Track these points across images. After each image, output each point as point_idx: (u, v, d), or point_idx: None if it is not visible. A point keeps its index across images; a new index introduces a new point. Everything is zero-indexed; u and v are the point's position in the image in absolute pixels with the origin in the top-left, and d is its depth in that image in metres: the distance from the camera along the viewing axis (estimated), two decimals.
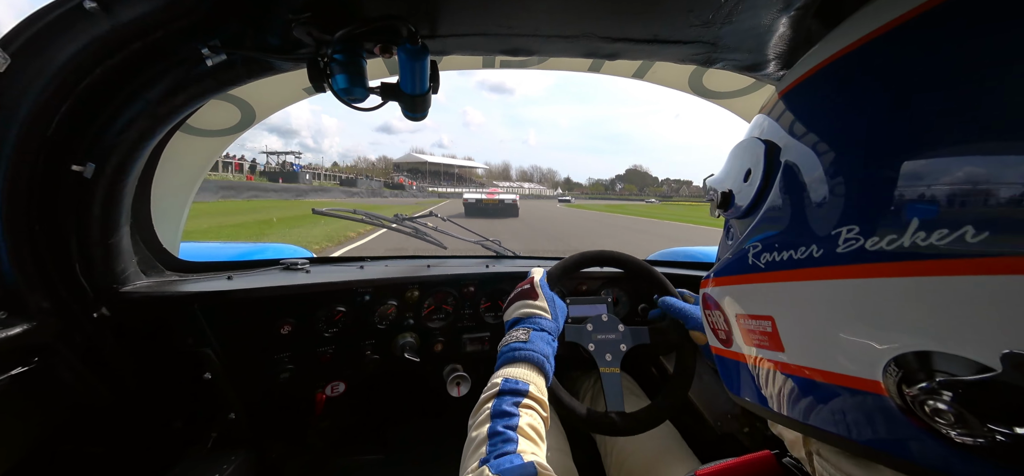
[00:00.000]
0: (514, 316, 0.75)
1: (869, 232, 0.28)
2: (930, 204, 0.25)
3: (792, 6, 0.50)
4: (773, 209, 0.37)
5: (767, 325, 0.36)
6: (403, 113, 0.75)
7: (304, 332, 1.08)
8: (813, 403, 0.33)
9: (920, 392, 0.25)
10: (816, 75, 0.36)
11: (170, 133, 0.97)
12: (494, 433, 0.50)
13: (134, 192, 0.86)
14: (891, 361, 0.27)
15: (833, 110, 0.34)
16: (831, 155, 0.32)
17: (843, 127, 0.32)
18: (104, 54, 0.60)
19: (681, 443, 0.95)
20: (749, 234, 0.40)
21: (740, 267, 0.40)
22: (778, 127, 0.39)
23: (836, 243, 0.30)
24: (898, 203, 0.27)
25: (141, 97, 0.68)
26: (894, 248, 0.26)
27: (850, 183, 0.30)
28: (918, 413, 0.26)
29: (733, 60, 0.69)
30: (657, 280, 0.94)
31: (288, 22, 0.58)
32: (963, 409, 0.24)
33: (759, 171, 0.39)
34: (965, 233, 0.23)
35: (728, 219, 0.47)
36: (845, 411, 0.31)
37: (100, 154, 0.72)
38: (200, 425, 1.09)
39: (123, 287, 0.90)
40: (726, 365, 0.46)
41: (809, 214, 0.33)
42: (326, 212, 1.39)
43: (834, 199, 0.31)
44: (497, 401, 0.55)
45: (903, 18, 0.29)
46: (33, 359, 0.73)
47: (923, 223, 0.25)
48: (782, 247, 0.35)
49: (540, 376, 0.63)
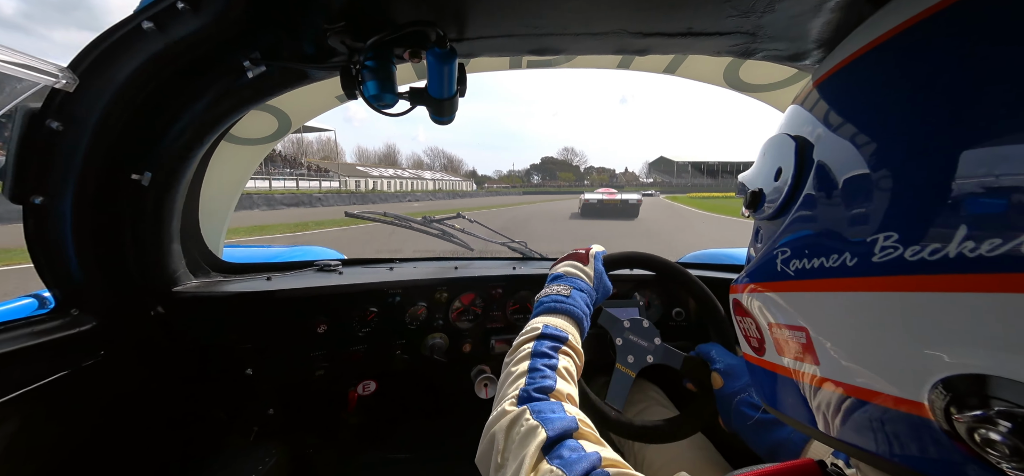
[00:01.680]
0: (559, 272, 0.78)
1: (909, 240, 0.25)
2: (981, 210, 0.22)
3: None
4: (804, 212, 0.34)
5: (801, 337, 0.34)
6: (430, 117, 0.76)
7: (338, 331, 1.11)
8: (850, 420, 0.31)
9: (972, 420, 0.23)
10: (857, 61, 0.33)
11: (216, 142, 1.03)
12: (534, 368, 0.52)
13: (184, 198, 0.91)
14: (939, 383, 0.24)
15: (873, 100, 0.31)
16: (869, 151, 0.29)
17: (883, 119, 0.29)
18: (159, 70, 0.65)
19: (708, 445, 0.91)
20: (778, 238, 0.37)
21: (769, 274, 0.37)
22: (812, 120, 0.36)
23: (872, 251, 0.27)
24: (944, 208, 0.24)
25: (190, 109, 0.73)
26: (937, 259, 0.24)
27: (889, 184, 0.27)
28: (967, 440, 0.24)
29: (774, 50, 0.65)
30: (711, 306, 0.88)
31: (323, 32, 0.60)
32: (1021, 443, 0.21)
33: (790, 170, 0.36)
34: (1021, 244, 0.20)
35: (757, 220, 0.45)
36: (884, 431, 0.28)
37: (155, 163, 0.77)
38: (242, 417, 1.15)
39: (175, 287, 0.96)
40: (757, 374, 0.43)
41: (843, 218, 0.30)
42: (358, 215, 1.43)
43: (871, 202, 0.28)
44: (537, 342, 0.58)
45: None
46: (100, 352, 0.79)
47: (972, 232, 0.22)
48: (813, 254, 0.32)
49: (577, 330, 0.65)
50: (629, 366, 0.81)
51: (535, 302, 0.71)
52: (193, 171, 0.89)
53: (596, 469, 0.38)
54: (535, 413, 0.45)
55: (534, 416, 0.45)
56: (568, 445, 0.42)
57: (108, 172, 0.73)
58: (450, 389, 1.52)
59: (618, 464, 0.40)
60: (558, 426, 0.43)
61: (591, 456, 0.39)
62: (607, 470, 0.38)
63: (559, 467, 0.38)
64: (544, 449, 0.41)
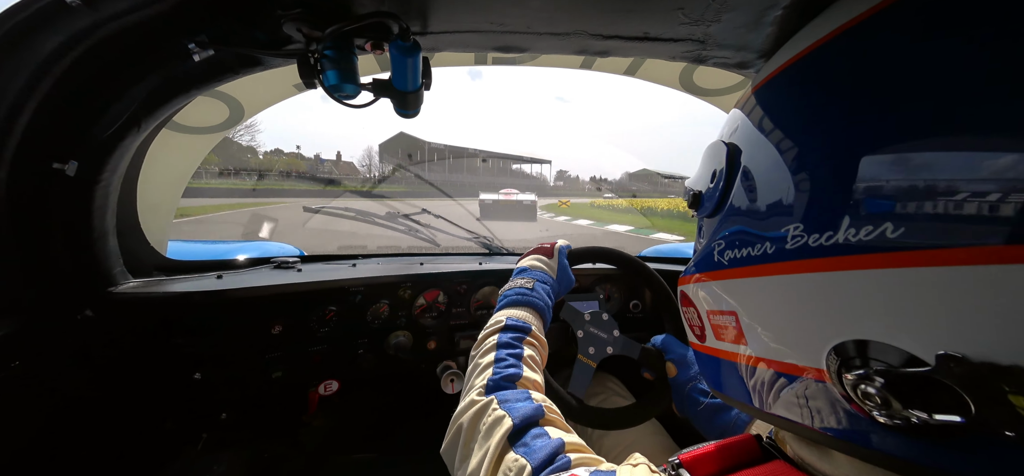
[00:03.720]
0: (524, 265, 0.80)
1: (811, 229, 0.29)
2: (857, 201, 0.27)
3: (779, 4, 0.50)
4: (734, 209, 0.39)
5: (732, 320, 0.38)
6: (395, 110, 0.75)
7: (296, 332, 1.07)
8: (779, 396, 0.35)
9: (856, 378, 0.27)
10: (776, 76, 0.38)
11: (156, 130, 0.95)
12: (499, 359, 0.53)
13: (119, 191, 0.84)
14: (831, 349, 0.28)
15: (782, 112, 0.36)
16: (778, 155, 0.34)
17: (788, 128, 0.35)
18: (85, 49, 0.59)
19: (661, 431, 0.97)
20: (714, 233, 0.42)
21: (709, 264, 0.42)
22: (740, 127, 0.41)
23: (785, 240, 0.31)
24: (831, 201, 0.28)
25: (125, 94, 0.67)
26: (830, 244, 0.28)
27: (794, 182, 0.32)
28: (852, 396, 0.28)
29: (722, 58, 0.70)
30: (670, 305, 0.94)
31: (277, 18, 0.58)
32: (889, 395, 0.25)
33: (722, 172, 0.41)
34: (886, 229, 0.25)
35: (699, 219, 0.49)
36: (798, 400, 0.32)
37: (83, 152, 0.71)
38: (192, 425, 1.08)
39: (109, 288, 0.88)
40: (702, 360, 0.47)
41: (763, 213, 0.35)
42: (317, 209, 1.38)
43: (782, 198, 0.33)
44: (502, 334, 0.59)
45: (839, 30, 0.32)
46: (13, 362, 0.71)
47: (853, 220, 0.27)
48: (742, 245, 0.37)
49: (540, 321, 0.67)
50: (590, 357, 0.84)
51: (499, 295, 0.72)
52: (129, 161, 0.82)
53: (559, 454, 0.40)
54: (502, 402, 0.46)
55: (501, 406, 0.46)
56: (533, 432, 0.43)
57: (24, 161, 0.65)
58: (416, 386, 1.51)
59: (580, 448, 0.42)
60: (523, 413, 0.44)
61: (555, 442, 0.41)
62: (569, 455, 0.40)
63: (524, 455, 0.40)
64: (511, 439, 0.42)
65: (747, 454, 0.40)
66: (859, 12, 0.31)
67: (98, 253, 0.84)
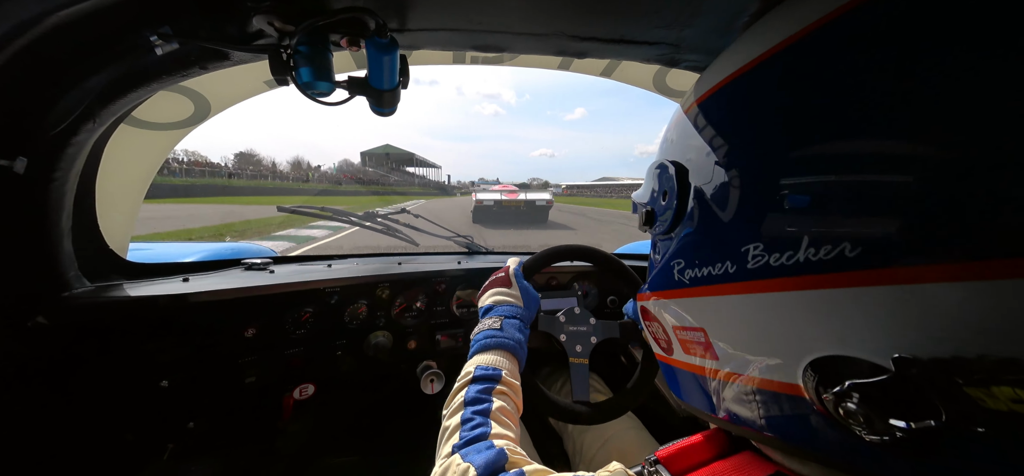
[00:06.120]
0: (487, 304, 0.76)
1: (771, 248, 0.29)
2: (815, 222, 0.27)
3: (746, 11, 0.53)
4: (690, 229, 0.39)
5: (701, 336, 0.38)
6: (371, 108, 0.73)
7: (270, 335, 1.04)
8: (748, 407, 0.35)
9: (834, 396, 0.27)
10: (716, 93, 0.37)
11: (114, 126, 0.90)
12: (467, 419, 0.50)
13: (75, 190, 0.79)
14: (808, 366, 0.28)
15: (726, 129, 0.35)
16: (727, 176, 0.33)
17: (733, 147, 0.34)
18: (32, 39, 0.55)
19: (640, 426, 0.99)
20: (673, 251, 0.41)
21: (668, 283, 0.41)
22: (687, 143, 0.40)
23: (746, 259, 0.31)
24: (790, 222, 0.28)
25: (79, 86, 0.63)
26: (793, 263, 0.28)
27: (750, 204, 0.32)
28: (833, 414, 0.28)
29: (695, 61, 0.72)
30: (627, 275, 0.97)
31: (248, 10, 0.56)
32: (868, 409, 0.25)
33: (673, 193, 0.40)
34: (843, 248, 0.25)
35: (653, 236, 0.49)
36: (774, 415, 0.32)
37: (33, 148, 0.66)
38: (156, 435, 1.03)
39: (63, 293, 0.83)
40: (670, 372, 0.47)
41: (721, 233, 0.34)
42: (292, 210, 1.33)
43: (738, 218, 0.32)
44: (470, 388, 0.55)
45: (773, 50, 0.31)
46: None
47: (813, 240, 0.27)
48: (702, 264, 0.36)
49: (513, 362, 0.64)
50: (580, 355, 0.84)
51: (471, 339, 0.68)
52: (85, 158, 0.77)
53: None
54: (465, 456, 0.44)
55: (464, 458, 0.44)
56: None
57: None
58: (396, 387, 1.49)
59: (540, 473, 0.40)
60: (485, 461, 0.42)
61: None
62: None
63: None
64: None
65: (719, 446, 0.41)
66: (799, 28, 0.30)
67: (51, 256, 0.79)
